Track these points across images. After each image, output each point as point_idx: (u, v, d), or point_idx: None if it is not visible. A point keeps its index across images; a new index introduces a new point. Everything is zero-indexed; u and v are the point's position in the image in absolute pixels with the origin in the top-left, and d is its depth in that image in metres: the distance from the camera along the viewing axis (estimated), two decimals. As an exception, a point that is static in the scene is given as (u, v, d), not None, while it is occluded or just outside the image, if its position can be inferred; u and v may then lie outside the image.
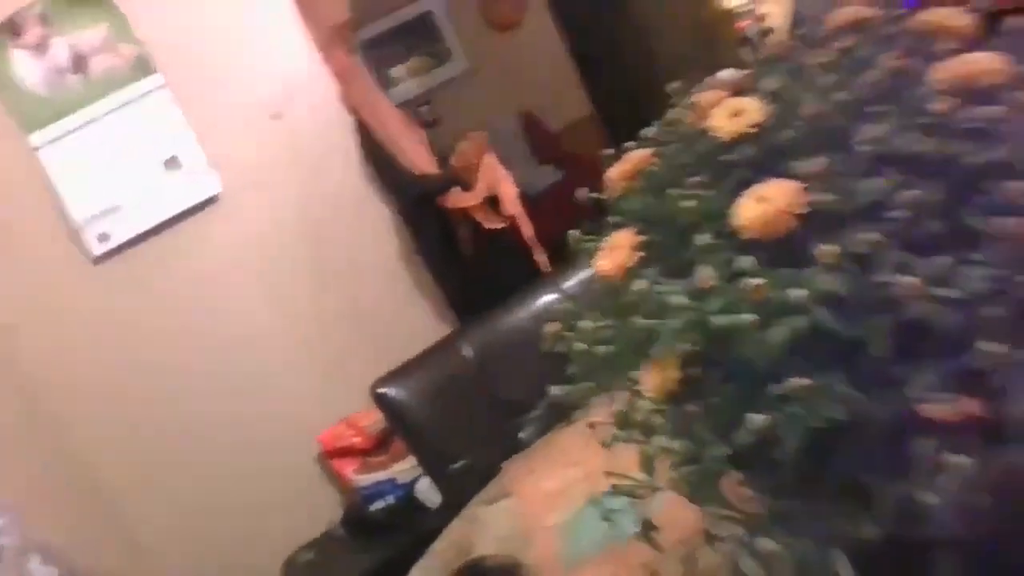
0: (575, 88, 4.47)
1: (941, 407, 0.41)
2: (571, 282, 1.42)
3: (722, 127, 0.50)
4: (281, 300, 1.97)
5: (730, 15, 4.98)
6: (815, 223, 0.46)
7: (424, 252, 1.96)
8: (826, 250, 0.43)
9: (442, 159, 1.89)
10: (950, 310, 0.41)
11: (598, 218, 0.59)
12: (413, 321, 2.02)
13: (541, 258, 1.86)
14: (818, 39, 0.57)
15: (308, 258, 1.97)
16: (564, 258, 1.46)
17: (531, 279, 1.61)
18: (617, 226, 0.55)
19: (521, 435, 0.84)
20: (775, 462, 0.45)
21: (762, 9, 4.67)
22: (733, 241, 0.47)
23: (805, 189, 0.46)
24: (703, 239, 0.48)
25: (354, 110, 1.90)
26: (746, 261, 0.45)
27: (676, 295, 0.47)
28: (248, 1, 1.97)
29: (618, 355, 0.53)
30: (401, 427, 1.32)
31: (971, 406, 0.40)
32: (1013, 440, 0.40)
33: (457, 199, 1.83)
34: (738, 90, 0.56)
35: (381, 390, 1.31)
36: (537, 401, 0.69)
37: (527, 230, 1.85)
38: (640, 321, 0.49)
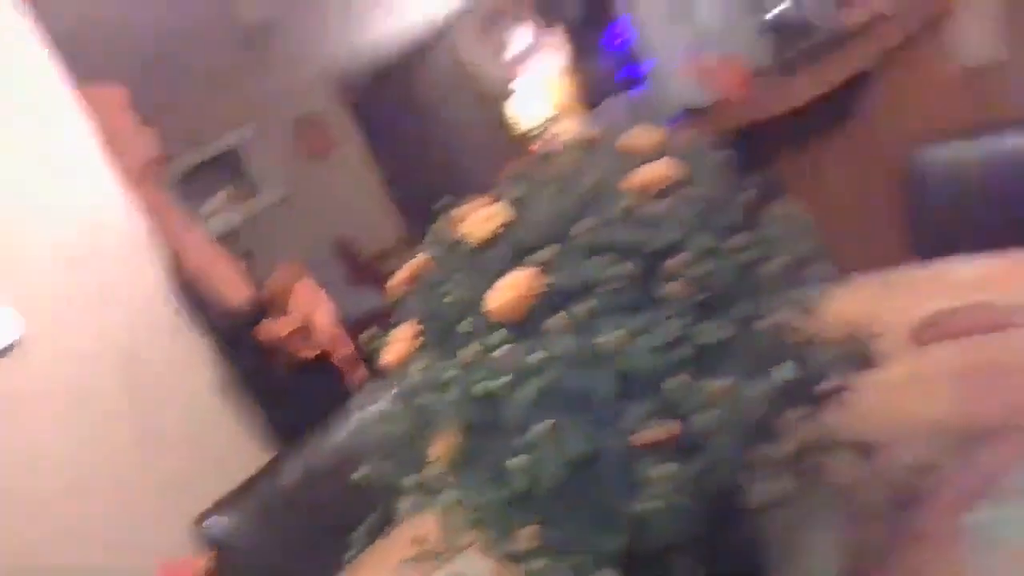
0: (388, 211, 4.64)
1: (649, 433, 0.53)
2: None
3: (473, 232, 0.62)
4: (94, 443, 1.88)
5: (526, 137, 5.47)
6: (551, 300, 0.58)
7: (242, 381, 1.96)
8: (554, 321, 0.55)
9: (256, 290, 1.93)
10: (650, 356, 0.54)
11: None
12: (236, 450, 1.99)
13: (359, 377, 1.91)
14: (551, 153, 0.72)
15: (122, 398, 1.91)
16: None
17: (350, 399, 1.66)
18: (399, 324, 0.65)
19: (346, 556, 0.90)
20: (542, 498, 0.55)
21: (554, 130, 5.17)
22: (490, 324, 0.58)
23: (540, 274, 0.58)
24: (465, 325, 0.59)
25: (166, 244, 1.92)
26: (497, 337, 0.56)
27: (447, 371, 0.57)
28: (52, 139, 1.96)
29: (411, 436, 0.62)
30: (227, 561, 1.30)
31: (670, 428, 0.52)
32: (700, 450, 0.52)
33: (269, 330, 1.86)
34: (493, 200, 0.68)
35: (205, 524, 1.31)
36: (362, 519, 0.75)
37: (345, 351, 1.91)
38: (423, 399, 0.58)
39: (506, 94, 5.20)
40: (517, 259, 0.60)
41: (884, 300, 1.18)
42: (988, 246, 1.07)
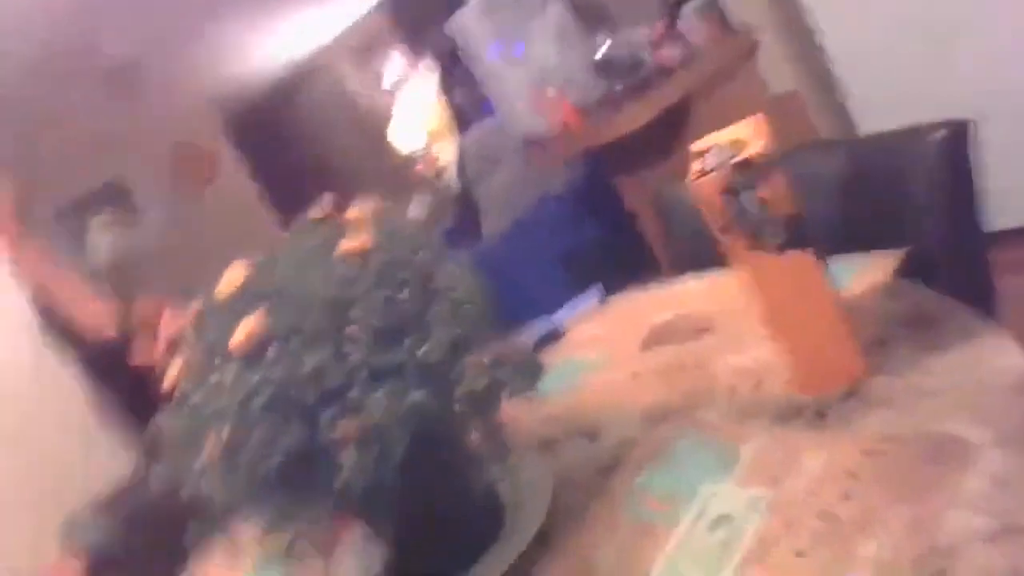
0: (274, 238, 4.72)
1: (340, 429, 0.76)
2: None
3: (223, 288, 0.84)
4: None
5: (410, 160, 5.70)
6: (272, 337, 0.80)
7: (118, 403, 2.08)
8: (271, 351, 0.77)
9: (125, 318, 2.06)
10: (339, 376, 0.77)
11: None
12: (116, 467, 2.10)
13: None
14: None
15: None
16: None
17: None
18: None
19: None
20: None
21: (433, 152, 5.42)
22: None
23: (263, 318, 0.81)
24: (217, 361, 0.81)
25: (29, 281, 2.01)
26: (231, 369, 0.78)
27: (197, 394, 0.79)
28: None
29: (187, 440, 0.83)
30: (98, 565, 1.46)
31: (352, 426, 0.76)
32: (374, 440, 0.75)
33: (141, 355, 2.00)
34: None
35: (72, 528, 1.46)
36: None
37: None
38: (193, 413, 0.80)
39: (386, 121, 5.42)
40: (253, 307, 0.82)
41: (630, 313, 1.46)
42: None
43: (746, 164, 0.86)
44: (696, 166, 0.91)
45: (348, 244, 0.84)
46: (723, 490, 0.80)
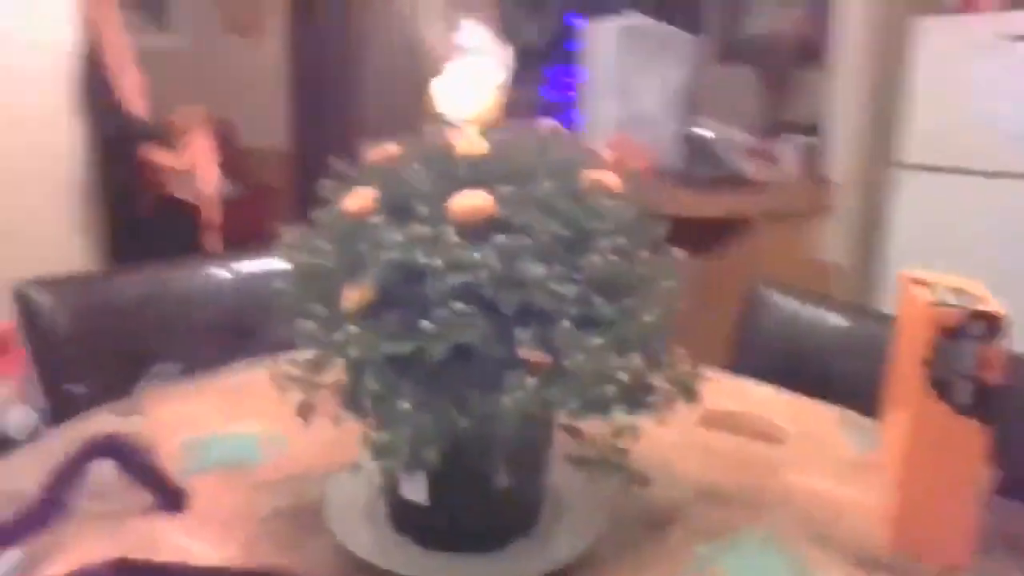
0: (281, 115, 4.50)
1: (530, 351, 0.66)
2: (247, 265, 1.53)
3: (464, 148, 0.73)
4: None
5: (439, 122, 5.54)
6: (497, 227, 0.70)
7: (105, 191, 1.91)
8: (499, 239, 0.67)
9: (154, 112, 1.90)
10: (549, 302, 0.67)
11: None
12: (76, 253, 1.91)
13: (213, 240, 1.92)
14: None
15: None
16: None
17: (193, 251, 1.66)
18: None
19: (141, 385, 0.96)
20: (424, 365, 0.66)
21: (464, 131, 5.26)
22: (446, 218, 0.70)
23: (496, 203, 0.71)
24: (422, 210, 0.70)
25: (91, 27, 1.85)
26: (450, 228, 0.67)
27: (394, 236, 0.68)
28: None
29: (334, 271, 0.71)
30: (32, 331, 1.29)
31: (543, 356, 0.66)
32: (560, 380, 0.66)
33: (158, 155, 1.84)
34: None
35: (23, 290, 1.29)
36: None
37: (213, 214, 1.92)
38: (362, 246, 0.69)
39: (438, 69, 5.26)
40: (479, 184, 0.72)
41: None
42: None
43: (983, 316, 0.82)
44: (917, 292, 0.87)
45: (602, 177, 0.75)
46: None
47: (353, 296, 0.69)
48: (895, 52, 2.76)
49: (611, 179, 0.77)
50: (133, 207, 1.88)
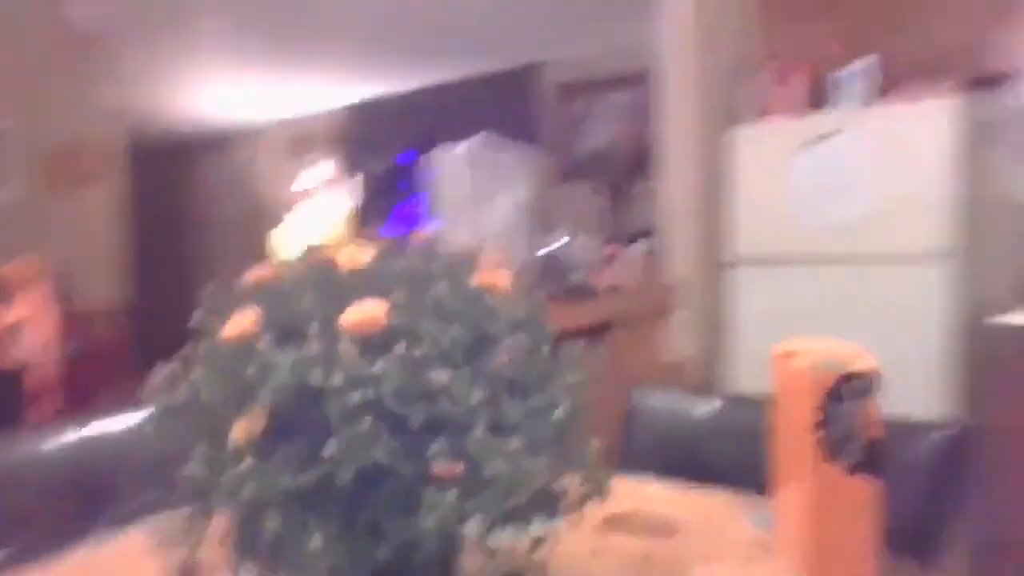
0: (119, 272, 4.26)
1: (443, 466, 0.62)
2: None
3: (348, 261, 0.70)
4: None
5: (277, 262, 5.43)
6: (392, 336, 0.67)
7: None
8: (398, 349, 0.64)
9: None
10: (458, 409, 0.64)
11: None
12: None
13: (43, 409, 1.73)
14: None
15: None
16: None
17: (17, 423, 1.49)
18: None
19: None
20: (332, 494, 0.60)
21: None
22: (338, 335, 0.65)
23: (390, 311, 0.67)
24: (313, 328, 0.65)
25: None
26: (345, 344, 0.63)
27: (286, 358, 0.63)
28: None
29: (218, 405, 0.64)
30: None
31: (456, 467, 0.62)
32: (480, 490, 0.62)
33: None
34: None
35: None
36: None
37: (46, 372, 1.74)
38: (250, 373, 0.63)
39: (277, 220, 5.22)
40: (372, 294, 0.69)
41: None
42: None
43: (858, 376, 0.86)
44: (786, 364, 0.91)
45: (494, 279, 0.74)
46: None
47: (243, 428, 0.63)
48: (713, 159, 3.02)
49: (501, 279, 0.76)
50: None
